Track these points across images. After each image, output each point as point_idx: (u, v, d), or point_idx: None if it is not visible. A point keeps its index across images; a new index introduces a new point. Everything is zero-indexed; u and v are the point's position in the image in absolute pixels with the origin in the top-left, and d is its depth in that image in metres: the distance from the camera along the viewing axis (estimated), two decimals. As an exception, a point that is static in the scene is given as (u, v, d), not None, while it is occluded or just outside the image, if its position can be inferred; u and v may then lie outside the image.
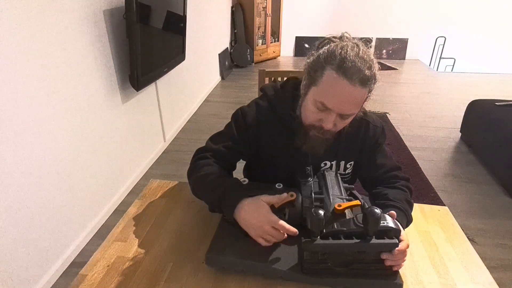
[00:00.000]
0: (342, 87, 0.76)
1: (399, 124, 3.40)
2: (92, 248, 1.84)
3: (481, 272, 0.81)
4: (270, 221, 0.76)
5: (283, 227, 0.76)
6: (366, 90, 0.79)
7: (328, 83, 0.78)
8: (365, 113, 1.00)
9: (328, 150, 0.93)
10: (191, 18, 3.18)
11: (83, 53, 1.74)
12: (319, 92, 0.81)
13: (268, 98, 0.99)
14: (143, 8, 1.97)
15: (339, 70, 0.76)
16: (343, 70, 0.75)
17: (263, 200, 0.79)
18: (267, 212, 0.77)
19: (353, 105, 0.80)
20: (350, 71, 0.75)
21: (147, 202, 1.04)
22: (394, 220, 0.74)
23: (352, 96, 0.78)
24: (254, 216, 0.77)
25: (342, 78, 0.76)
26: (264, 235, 0.77)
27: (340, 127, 0.87)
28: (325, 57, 0.79)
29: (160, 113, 2.77)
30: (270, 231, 0.77)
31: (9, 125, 1.34)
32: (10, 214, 1.37)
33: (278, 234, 0.77)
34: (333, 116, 0.81)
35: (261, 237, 0.78)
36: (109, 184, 2.09)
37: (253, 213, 0.78)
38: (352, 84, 0.76)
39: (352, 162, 1.02)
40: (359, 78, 0.75)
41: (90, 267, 0.81)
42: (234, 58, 5.18)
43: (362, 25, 5.85)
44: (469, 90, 4.44)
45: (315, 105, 0.82)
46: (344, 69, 0.75)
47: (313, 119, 0.85)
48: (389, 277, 0.74)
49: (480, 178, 2.52)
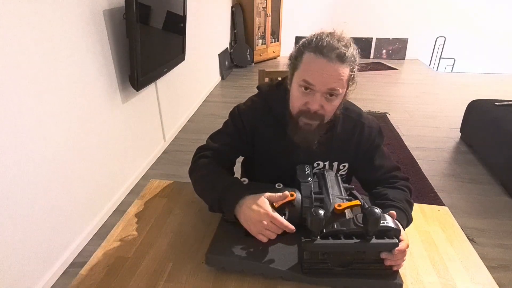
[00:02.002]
0: (321, 64, 0.81)
1: (399, 124, 3.40)
2: (92, 248, 1.84)
3: (481, 272, 0.81)
4: (270, 216, 0.77)
5: (281, 223, 0.77)
6: (346, 67, 0.82)
7: (308, 63, 0.83)
8: (360, 115, 1.00)
9: (321, 150, 0.95)
10: (191, 18, 3.18)
11: (83, 53, 1.74)
12: (301, 72, 0.85)
13: (263, 96, 1.02)
14: (143, 8, 1.97)
15: (316, 50, 0.81)
16: (319, 49, 0.81)
17: (264, 196, 0.81)
18: (267, 207, 0.79)
19: (334, 80, 0.82)
20: (326, 49, 0.80)
21: (147, 202, 1.04)
22: (394, 220, 0.74)
23: (331, 72, 0.81)
24: (255, 211, 0.78)
25: (319, 56, 0.81)
26: (263, 230, 0.78)
27: (328, 109, 0.87)
28: (303, 44, 0.86)
29: (160, 113, 2.77)
30: (269, 226, 0.77)
31: (9, 125, 1.34)
32: (10, 214, 1.37)
33: (277, 229, 0.78)
34: (318, 96, 0.84)
35: (261, 234, 0.78)
36: (109, 184, 2.09)
37: (253, 208, 0.79)
38: (330, 60, 0.80)
39: (346, 164, 1.02)
40: (336, 54, 0.80)
41: (90, 267, 0.81)
42: (234, 58, 5.18)
43: (362, 25, 5.85)
44: (469, 90, 4.44)
45: (299, 88, 0.86)
46: (320, 48, 0.81)
47: (299, 103, 0.87)
48: (389, 277, 0.74)
49: (480, 178, 2.52)
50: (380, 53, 5.97)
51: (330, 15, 5.88)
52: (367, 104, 3.90)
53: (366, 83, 4.69)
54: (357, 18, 5.82)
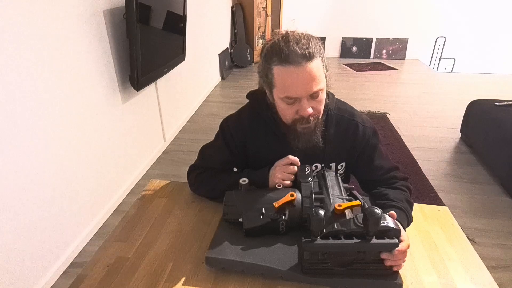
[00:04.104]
0: (293, 73, 0.80)
1: (399, 124, 3.40)
2: (92, 248, 1.84)
3: (481, 272, 0.81)
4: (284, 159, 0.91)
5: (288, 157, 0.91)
6: (316, 62, 0.81)
7: (281, 77, 0.83)
8: (353, 114, 1.00)
9: (317, 152, 0.96)
10: (191, 18, 3.18)
11: (83, 53, 1.74)
12: (279, 90, 0.85)
13: (252, 105, 1.02)
14: (143, 8, 1.97)
15: (281, 62, 0.81)
16: (284, 59, 0.80)
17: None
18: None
19: (312, 82, 0.82)
20: (291, 56, 0.79)
21: (147, 202, 1.04)
22: (394, 220, 0.74)
23: (306, 75, 0.81)
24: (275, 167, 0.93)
25: (287, 66, 0.80)
26: (280, 172, 0.90)
27: (318, 107, 0.88)
28: (266, 60, 0.85)
29: (160, 113, 2.77)
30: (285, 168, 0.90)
31: (9, 125, 1.34)
32: (10, 214, 1.37)
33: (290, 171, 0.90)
34: (305, 102, 0.84)
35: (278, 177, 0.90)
36: (109, 184, 2.09)
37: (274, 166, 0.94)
38: (298, 65, 0.79)
39: (344, 163, 1.02)
40: (301, 56, 0.79)
41: (90, 267, 0.81)
42: (234, 58, 5.18)
43: (362, 25, 5.84)
44: (469, 90, 4.44)
45: (284, 102, 0.86)
46: (284, 58, 0.80)
47: (290, 114, 0.88)
48: (389, 277, 0.74)
49: (480, 178, 2.52)
50: (380, 53, 5.97)
51: (330, 15, 5.88)
52: (367, 104, 3.90)
53: (366, 83, 4.69)
54: (357, 18, 5.82)
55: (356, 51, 5.99)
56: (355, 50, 5.98)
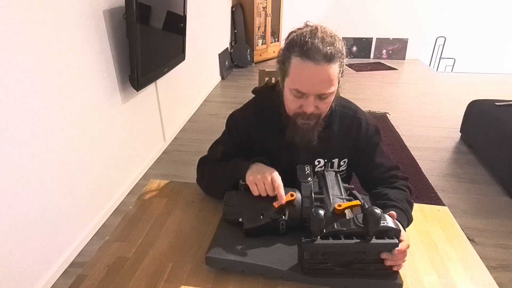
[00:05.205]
0: (309, 69, 0.80)
1: (399, 124, 3.40)
2: (92, 248, 1.84)
3: (481, 272, 0.81)
4: (274, 175, 0.83)
5: (278, 186, 0.82)
6: (334, 66, 0.81)
7: (296, 70, 0.82)
8: (357, 112, 1.01)
9: (320, 148, 0.95)
10: (191, 18, 3.18)
11: (83, 53, 1.74)
12: (291, 80, 0.84)
13: (256, 99, 1.04)
14: (143, 8, 1.97)
15: (302, 54, 0.80)
16: (305, 53, 0.79)
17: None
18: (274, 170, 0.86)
19: (325, 83, 0.82)
20: (311, 51, 0.78)
21: (147, 202, 1.04)
22: (394, 220, 0.74)
23: (321, 75, 0.80)
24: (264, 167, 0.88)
25: (306, 61, 0.79)
26: (259, 182, 0.83)
27: (323, 108, 0.88)
28: (288, 47, 0.84)
29: (160, 113, 2.77)
30: (267, 181, 0.82)
31: (9, 125, 1.34)
32: (10, 214, 1.37)
33: (271, 188, 0.83)
34: (311, 99, 0.84)
35: (256, 184, 0.83)
36: (109, 184, 2.09)
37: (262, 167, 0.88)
38: (317, 63, 0.79)
39: (346, 159, 1.03)
40: (322, 55, 0.78)
41: (90, 267, 0.81)
42: (234, 58, 5.18)
43: (362, 25, 5.84)
44: (469, 90, 4.44)
45: (292, 93, 0.86)
46: (305, 52, 0.79)
47: (294, 107, 0.88)
48: (389, 277, 0.74)
49: (480, 178, 2.52)
50: (380, 53, 5.97)
51: (330, 15, 5.87)
52: (367, 104, 3.90)
53: (366, 83, 4.69)
54: (357, 18, 5.82)
55: (356, 51, 5.99)
56: (355, 50, 5.99)
